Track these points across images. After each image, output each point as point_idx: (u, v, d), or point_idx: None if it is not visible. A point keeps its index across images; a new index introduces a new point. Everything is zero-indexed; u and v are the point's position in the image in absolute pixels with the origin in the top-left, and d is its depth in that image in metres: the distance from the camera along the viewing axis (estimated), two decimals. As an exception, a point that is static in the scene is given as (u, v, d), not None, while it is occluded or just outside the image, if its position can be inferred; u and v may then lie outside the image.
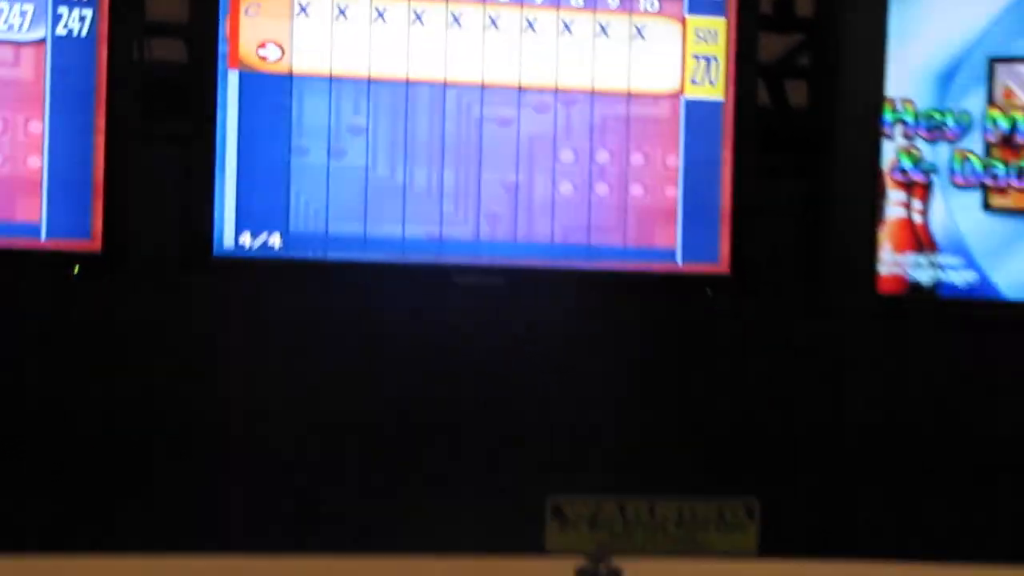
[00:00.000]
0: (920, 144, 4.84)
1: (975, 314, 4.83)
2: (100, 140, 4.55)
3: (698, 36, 4.84)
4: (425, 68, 4.73)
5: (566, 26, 4.76)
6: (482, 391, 5.32)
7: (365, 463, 5.53)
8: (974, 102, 4.86)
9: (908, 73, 4.83)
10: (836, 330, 5.02)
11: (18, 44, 4.49)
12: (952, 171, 4.84)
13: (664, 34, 4.84)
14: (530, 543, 5.54)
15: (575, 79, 4.78)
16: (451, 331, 5.14)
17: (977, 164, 4.85)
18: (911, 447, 5.52)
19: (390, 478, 5.60)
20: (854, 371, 5.33)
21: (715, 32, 4.85)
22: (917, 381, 5.32)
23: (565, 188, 4.77)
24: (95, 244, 4.56)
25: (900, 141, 4.83)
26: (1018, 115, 4.81)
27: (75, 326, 5.14)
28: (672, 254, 4.78)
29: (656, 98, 4.84)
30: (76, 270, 4.57)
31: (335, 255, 4.70)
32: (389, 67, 4.72)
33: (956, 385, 5.39)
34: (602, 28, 4.79)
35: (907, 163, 4.84)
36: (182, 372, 5.26)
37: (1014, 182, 4.83)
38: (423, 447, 5.44)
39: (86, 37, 4.52)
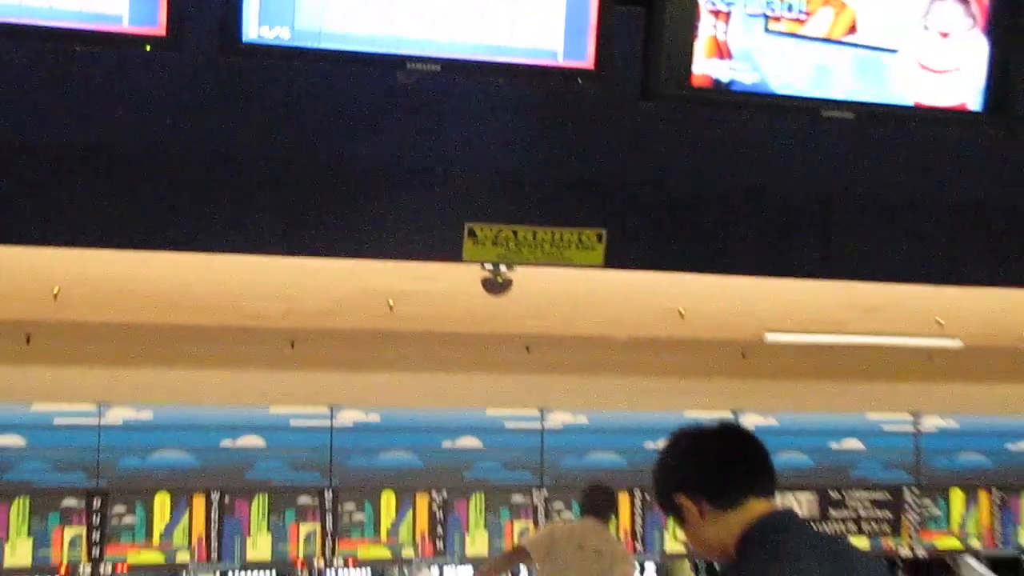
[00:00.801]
0: (725, -15, 4.89)
1: (755, 102, 4.89)
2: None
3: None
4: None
5: None
6: (424, 143, 5.36)
7: (339, 188, 5.57)
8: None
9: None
10: (664, 109, 5.06)
11: None
12: (745, 3, 4.87)
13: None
14: (452, 254, 5.66)
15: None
16: (403, 99, 5.14)
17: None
18: (714, 193, 5.62)
19: (356, 201, 5.65)
20: (676, 136, 5.37)
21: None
22: (719, 146, 5.40)
23: (487, 5, 4.79)
24: (161, 31, 4.60)
25: (712, -17, 4.88)
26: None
27: (147, 85, 5.15)
28: (556, 54, 4.82)
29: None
30: (148, 47, 4.61)
31: (326, 45, 4.72)
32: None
33: (735, 149, 5.46)
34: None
35: (716, -3, 4.90)
36: (216, 116, 5.26)
37: (785, 13, 4.87)
38: (383, 182, 5.49)
39: None
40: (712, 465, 2.27)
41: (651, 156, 5.64)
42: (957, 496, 16.39)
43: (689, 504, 2.25)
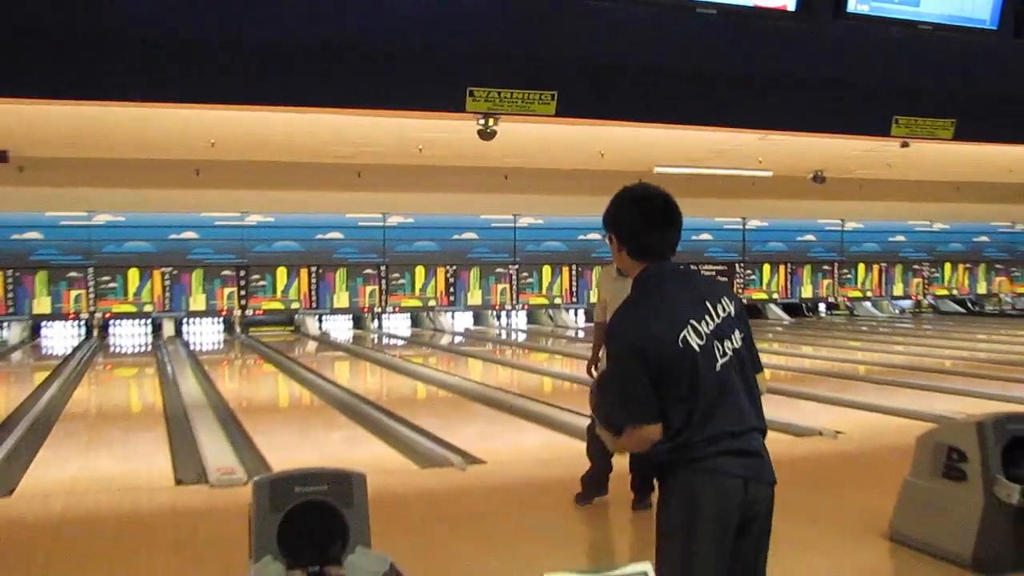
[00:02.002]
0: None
1: (654, 1, 4.62)
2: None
3: None
4: None
5: None
6: (439, 29, 4.98)
7: (388, 66, 5.14)
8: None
9: None
10: (597, 7, 4.77)
11: None
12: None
13: None
14: (457, 107, 5.34)
15: None
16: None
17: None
18: (627, 66, 5.31)
19: (400, 75, 5.25)
20: (604, 26, 5.05)
21: None
22: (631, 34, 5.07)
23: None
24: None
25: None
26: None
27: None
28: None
29: None
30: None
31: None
32: None
33: (641, 35, 5.11)
34: None
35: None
36: (304, 12, 4.74)
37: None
38: (415, 60, 5.11)
39: None
40: (633, 232, 2.07)
41: (589, 40, 5.37)
42: (766, 268, 16.58)
43: (615, 240, 2.14)
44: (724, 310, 2.06)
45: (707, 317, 2.03)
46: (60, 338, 12.52)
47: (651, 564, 1.67)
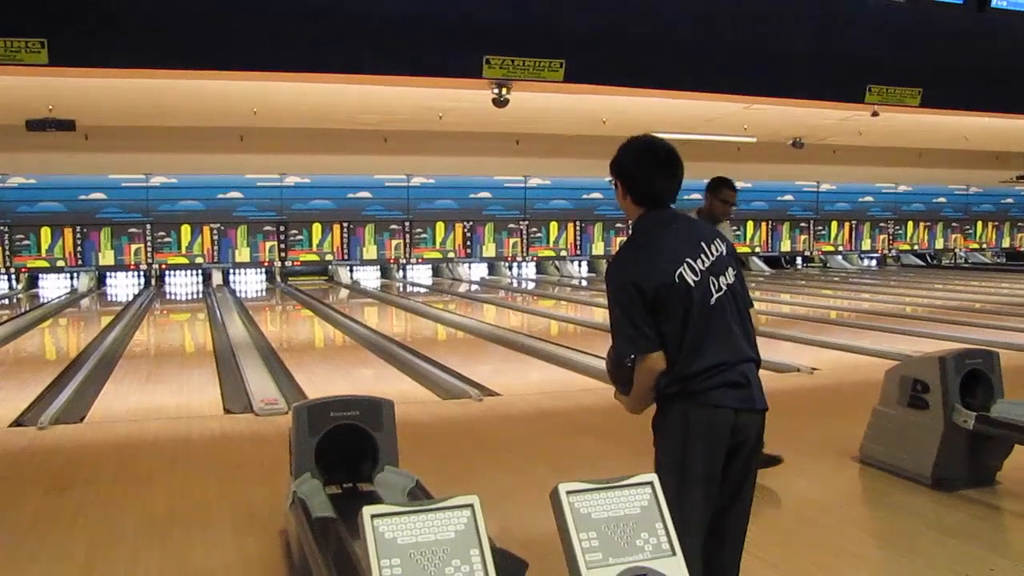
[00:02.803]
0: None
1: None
2: None
3: None
4: None
5: None
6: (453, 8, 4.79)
7: (414, 40, 4.96)
8: None
9: None
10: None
11: None
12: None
13: None
14: (475, 73, 5.19)
15: None
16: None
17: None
18: (623, 39, 5.15)
19: (422, 49, 5.07)
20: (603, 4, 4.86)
21: None
22: (629, 9, 4.89)
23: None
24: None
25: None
26: None
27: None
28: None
29: None
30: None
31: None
32: None
33: (635, 7, 4.93)
34: None
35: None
36: None
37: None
38: (438, 33, 4.93)
39: None
40: (636, 179, 1.95)
41: (594, 13, 5.18)
42: (750, 225, 16.38)
43: (620, 186, 2.03)
44: (717, 249, 2.00)
45: (703, 256, 1.97)
46: (122, 287, 12.58)
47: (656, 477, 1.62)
